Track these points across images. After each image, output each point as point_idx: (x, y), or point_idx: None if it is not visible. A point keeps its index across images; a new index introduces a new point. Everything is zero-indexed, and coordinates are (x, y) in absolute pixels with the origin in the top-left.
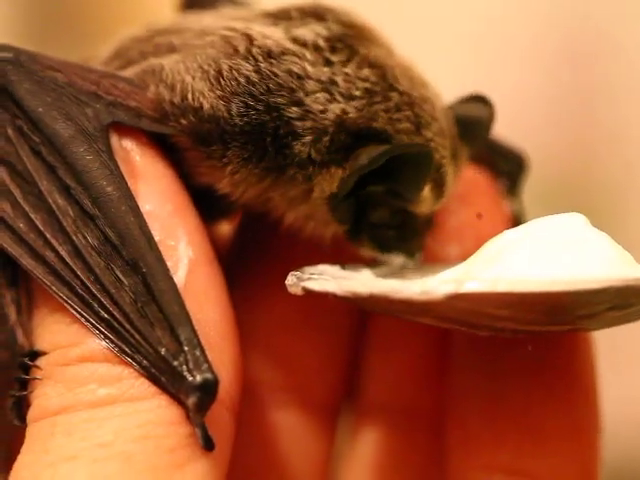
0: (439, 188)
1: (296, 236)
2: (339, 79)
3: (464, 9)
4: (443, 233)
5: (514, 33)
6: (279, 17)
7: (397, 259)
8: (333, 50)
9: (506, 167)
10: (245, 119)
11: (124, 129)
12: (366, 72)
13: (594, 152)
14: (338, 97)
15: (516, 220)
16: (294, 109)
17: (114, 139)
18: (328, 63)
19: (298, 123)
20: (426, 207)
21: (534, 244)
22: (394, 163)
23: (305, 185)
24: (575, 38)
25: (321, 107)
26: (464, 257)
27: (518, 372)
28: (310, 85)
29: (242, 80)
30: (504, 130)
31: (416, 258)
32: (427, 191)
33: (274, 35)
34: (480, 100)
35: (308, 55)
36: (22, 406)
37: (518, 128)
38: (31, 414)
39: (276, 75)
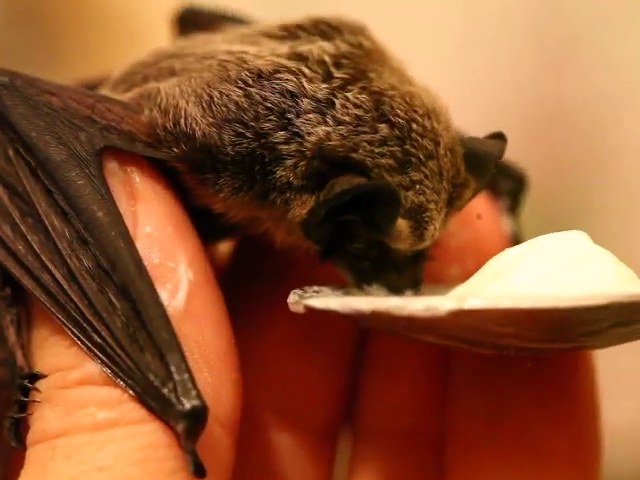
0: (421, 230)
1: (294, 257)
2: (338, 102)
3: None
4: (444, 254)
5: (485, 29)
6: (285, 36)
7: (379, 291)
8: (337, 65)
9: (506, 186)
10: (237, 148)
11: (122, 153)
12: (362, 98)
13: (566, 155)
14: (329, 120)
15: (514, 240)
16: (281, 133)
17: (112, 163)
18: (329, 78)
19: (283, 147)
20: (405, 245)
21: (537, 261)
22: (368, 196)
23: (284, 208)
24: (545, 28)
25: (310, 129)
26: (466, 277)
27: (518, 392)
28: (304, 104)
29: (232, 107)
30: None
31: (407, 293)
32: (405, 229)
33: (270, 54)
34: (496, 136)
35: (306, 70)
36: (20, 428)
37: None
38: (30, 437)
39: (265, 99)
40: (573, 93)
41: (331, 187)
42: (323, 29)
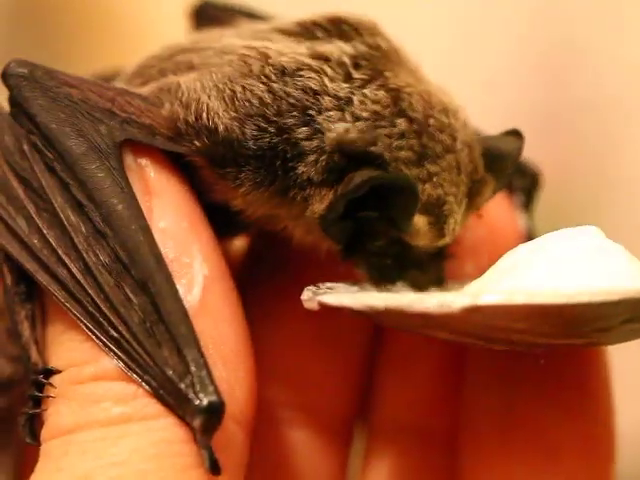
0: (439, 225)
1: (309, 253)
2: (356, 99)
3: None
4: (459, 251)
5: (491, 45)
6: (302, 34)
7: (402, 289)
8: (356, 67)
9: (520, 182)
10: (258, 142)
11: (139, 146)
12: (380, 94)
13: (574, 154)
14: (348, 116)
15: (529, 236)
16: (303, 129)
17: (128, 156)
18: (349, 78)
19: (305, 143)
20: (424, 241)
21: (550, 257)
22: (386, 190)
23: (303, 204)
24: (551, 49)
25: (330, 126)
26: (480, 274)
27: (532, 389)
28: (326, 101)
29: (255, 101)
30: None
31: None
32: (424, 225)
33: (292, 51)
34: (512, 133)
35: (328, 70)
36: (35, 424)
37: None
38: (45, 432)
39: (289, 95)
40: (580, 91)
41: (349, 180)
42: (342, 28)
